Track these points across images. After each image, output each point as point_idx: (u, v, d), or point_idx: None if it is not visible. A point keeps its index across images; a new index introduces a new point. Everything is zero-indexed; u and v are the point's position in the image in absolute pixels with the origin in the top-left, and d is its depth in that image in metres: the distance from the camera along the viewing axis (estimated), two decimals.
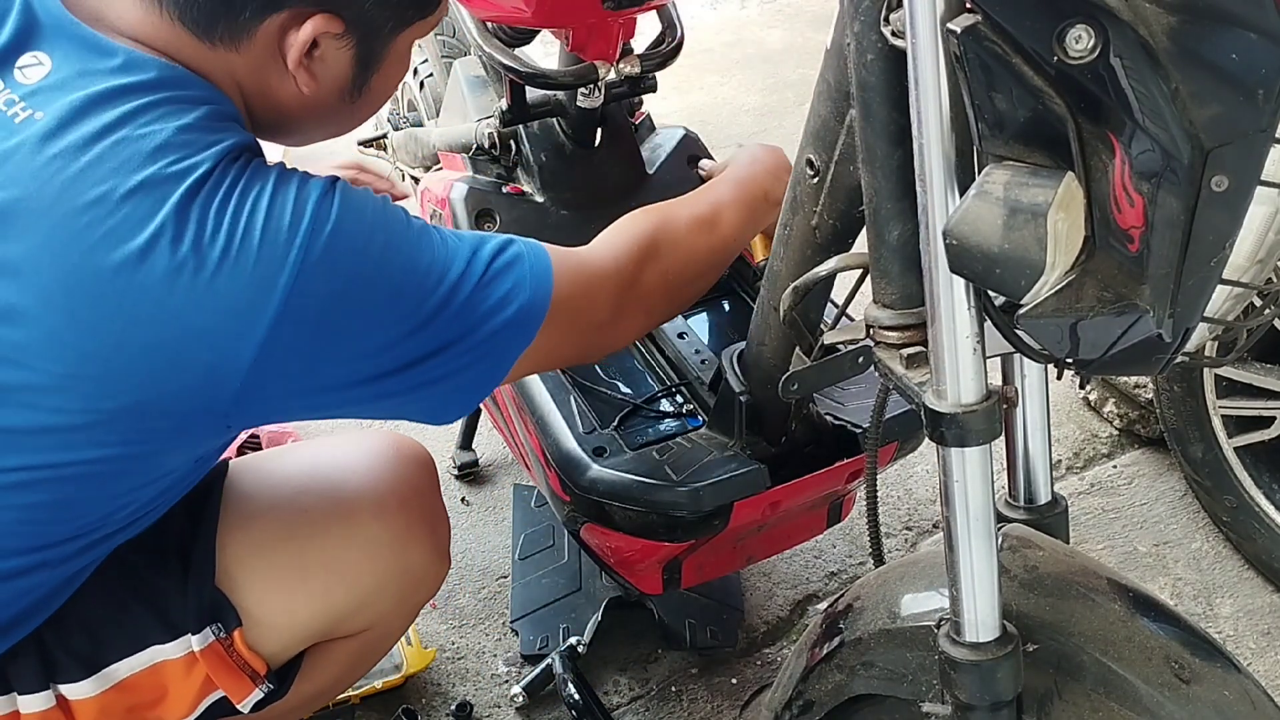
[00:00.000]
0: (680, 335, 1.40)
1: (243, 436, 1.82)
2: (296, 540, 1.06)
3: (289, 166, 0.87)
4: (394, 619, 1.17)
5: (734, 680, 1.52)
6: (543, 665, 1.48)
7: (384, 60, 0.96)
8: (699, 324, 1.45)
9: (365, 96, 0.97)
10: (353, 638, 1.14)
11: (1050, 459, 0.93)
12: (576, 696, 1.43)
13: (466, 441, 1.88)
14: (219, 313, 0.80)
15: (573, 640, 1.50)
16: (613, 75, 1.37)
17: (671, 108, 2.97)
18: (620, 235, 1.09)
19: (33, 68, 0.84)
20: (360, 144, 1.91)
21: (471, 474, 1.85)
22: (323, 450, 1.18)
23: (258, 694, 1.03)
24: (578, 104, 1.42)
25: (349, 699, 1.45)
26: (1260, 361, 1.51)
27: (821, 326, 1.04)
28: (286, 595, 1.05)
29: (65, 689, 0.95)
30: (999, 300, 0.70)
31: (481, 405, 1.60)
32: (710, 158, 1.59)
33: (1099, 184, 0.60)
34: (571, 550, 1.66)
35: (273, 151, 0.92)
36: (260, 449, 1.82)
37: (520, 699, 1.46)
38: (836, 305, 1.02)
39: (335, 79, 0.93)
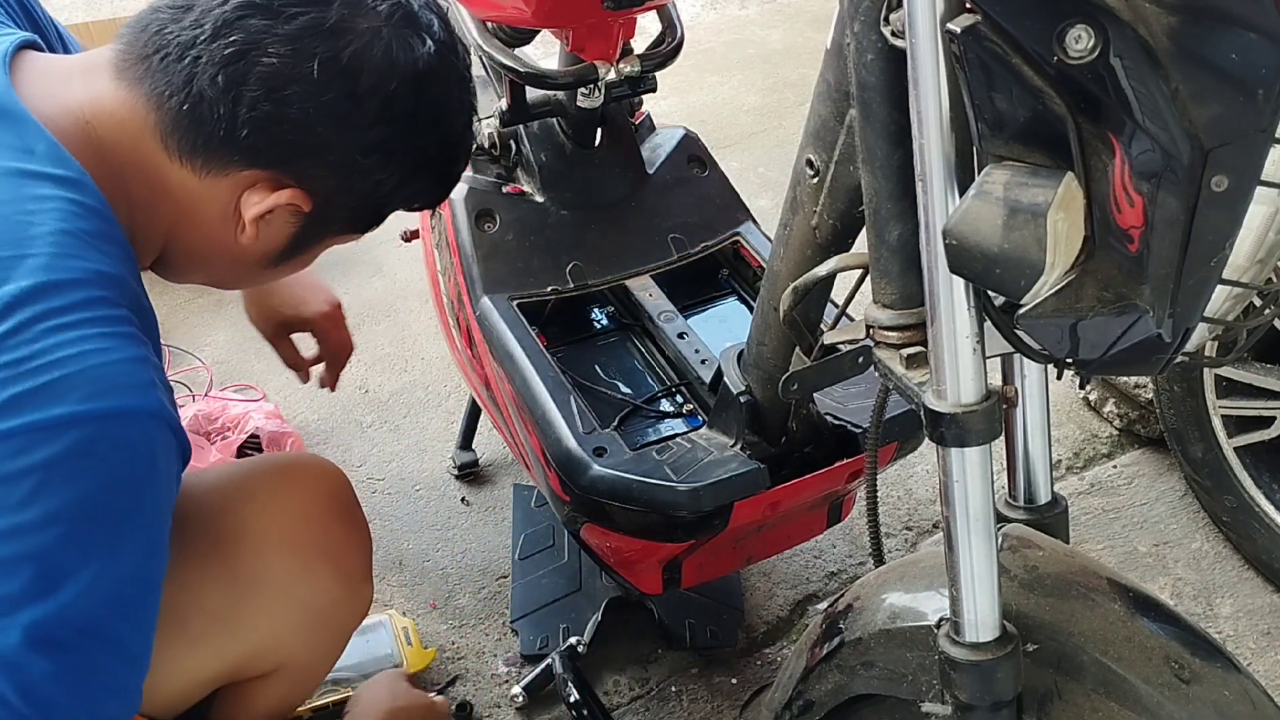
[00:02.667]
0: (680, 335, 1.40)
1: (242, 437, 1.82)
2: (170, 588, 0.91)
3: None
4: (309, 653, 1.12)
5: (734, 680, 1.51)
6: (543, 665, 1.48)
7: (310, 250, 0.99)
8: (699, 324, 1.45)
9: (276, 270, 0.99)
10: (268, 677, 1.09)
11: (1050, 459, 0.93)
12: (576, 696, 1.43)
13: (466, 441, 1.88)
14: None
15: (573, 640, 1.50)
16: (613, 75, 1.37)
17: (671, 108, 2.97)
18: None
19: None
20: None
21: (471, 474, 1.85)
22: (209, 482, 1.09)
23: None
24: (578, 104, 1.42)
25: (349, 699, 1.45)
26: (1260, 361, 1.51)
27: (821, 326, 1.04)
28: (165, 645, 0.92)
29: None
30: (999, 300, 0.70)
31: (481, 405, 1.60)
32: (710, 158, 1.59)
33: (1099, 184, 0.60)
34: (571, 550, 1.67)
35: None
36: (261, 450, 1.82)
37: (520, 699, 1.46)
38: (836, 305, 1.02)
39: (270, 245, 0.94)
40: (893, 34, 0.72)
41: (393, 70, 0.88)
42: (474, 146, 1.03)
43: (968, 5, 0.61)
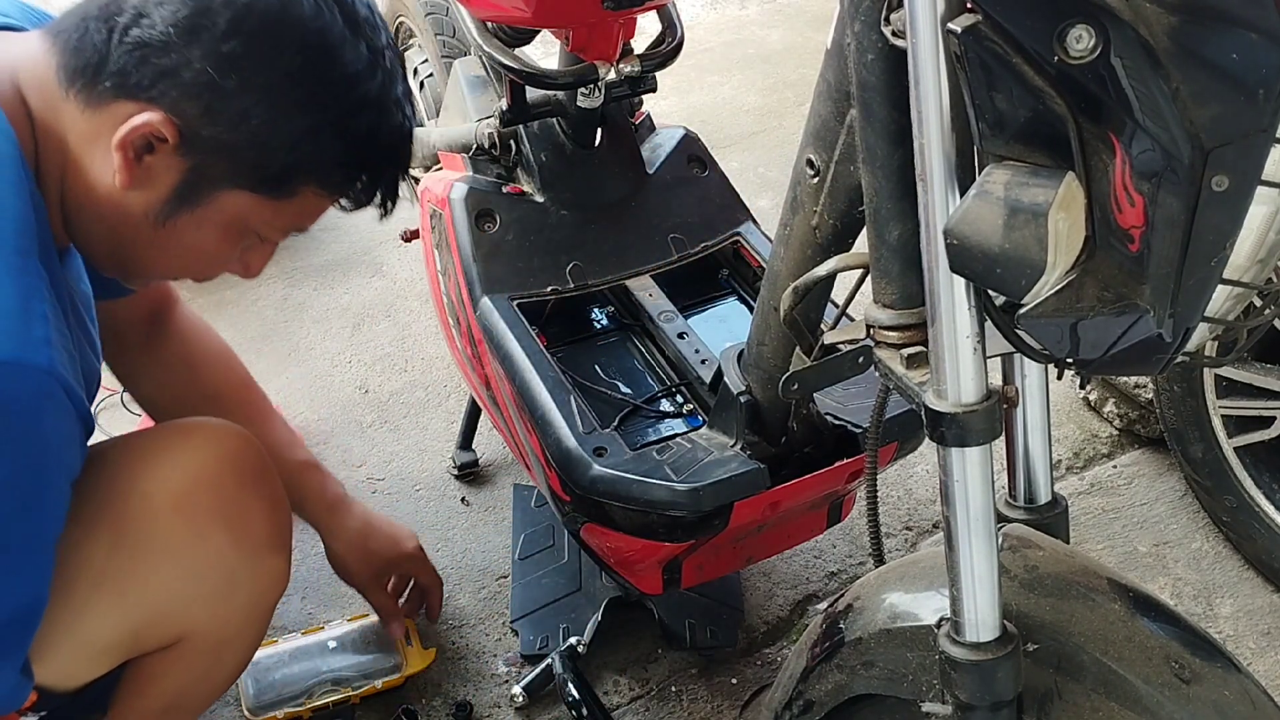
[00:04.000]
0: (680, 335, 1.40)
1: None
2: (60, 549, 0.93)
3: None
4: (213, 624, 1.09)
5: (734, 680, 1.51)
6: (543, 665, 1.48)
7: (202, 205, 0.94)
8: (699, 324, 1.45)
9: (169, 231, 0.94)
10: (174, 651, 1.08)
11: (1050, 459, 0.93)
12: (576, 696, 1.43)
13: (466, 441, 1.88)
14: None
15: (572, 640, 1.50)
16: (613, 75, 1.37)
17: (671, 108, 2.96)
18: None
19: None
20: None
21: (471, 474, 1.85)
22: (111, 445, 1.09)
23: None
24: (578, 104, 1.42)
25: (349, 698, 1.45)
26: (1260, 361, 1.51)
27: (822, 326, 1.04)
28: (53, 606, 0.94)
29: None
30: (999, 300, 0.70)
31: (481, 405, 1.60)
32: (710, 158, 1.59)
33: (1099, 184, 0.60)
34: (571, 550, 1.67)
35: None
36: None
37: (520, 699, 1.46)
38: (836, 305, 1.02)
39: (150, 191, 0.92)
40: (893, 34, 0.72)
41: None
42: (394, 124, 0.97)
43: (968, 5, 0.61)
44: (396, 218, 1.03)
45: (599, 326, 1.52)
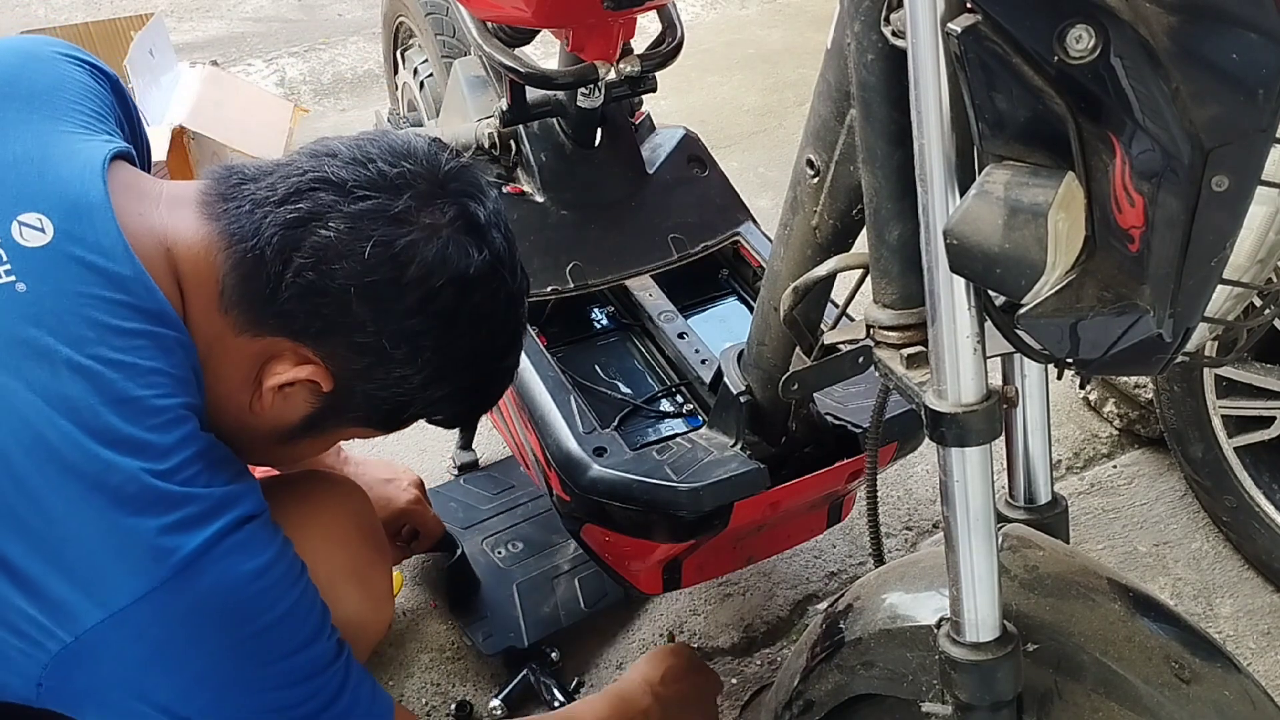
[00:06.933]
0: (680, 335, 1.40)
1: None
2: None
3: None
4: None
5: (734, 680, 1.51)
6: (520, 677, 1.47)
7: (326, 433, 0.98)
8: (699, 324, 1.45)
9: (290, 449, 0.99)
10: None
11: (1050, 459, 0.93)
12: (562, 700, 1.43)
13: (466, 441, 1.88)
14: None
15: (548, 651, 1.50)
16: (613, 75, 1.38)
17: (671, 108, 2.96)
18: None
19: (33, 230, 0.82)
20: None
21: (471, 474, 1.85)
22: None
23: None
24: (578, 104, 1.42)
25: None
26: (1260, 361, 1.51)
27: (821, 326, 1.04)
28: None
29: None
30: (999, 300, 0.70)
31: None
32: (710, 158, 1.59)
33: (1099, 184, 0.60)
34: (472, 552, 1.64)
35: None
36: None
37: (499, 710, 1.45)
38: (836, 305, 1.02)
39: (283, 419, 0.94)
40: (893, 34, 0.72)
41: (443, 268, 0.89)
42: (513, 369, 1.04)
43: (968, 5, 0.61)
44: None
45: (599, 326, 1.52)
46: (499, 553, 1.63)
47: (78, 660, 0.79)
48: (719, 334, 1.41)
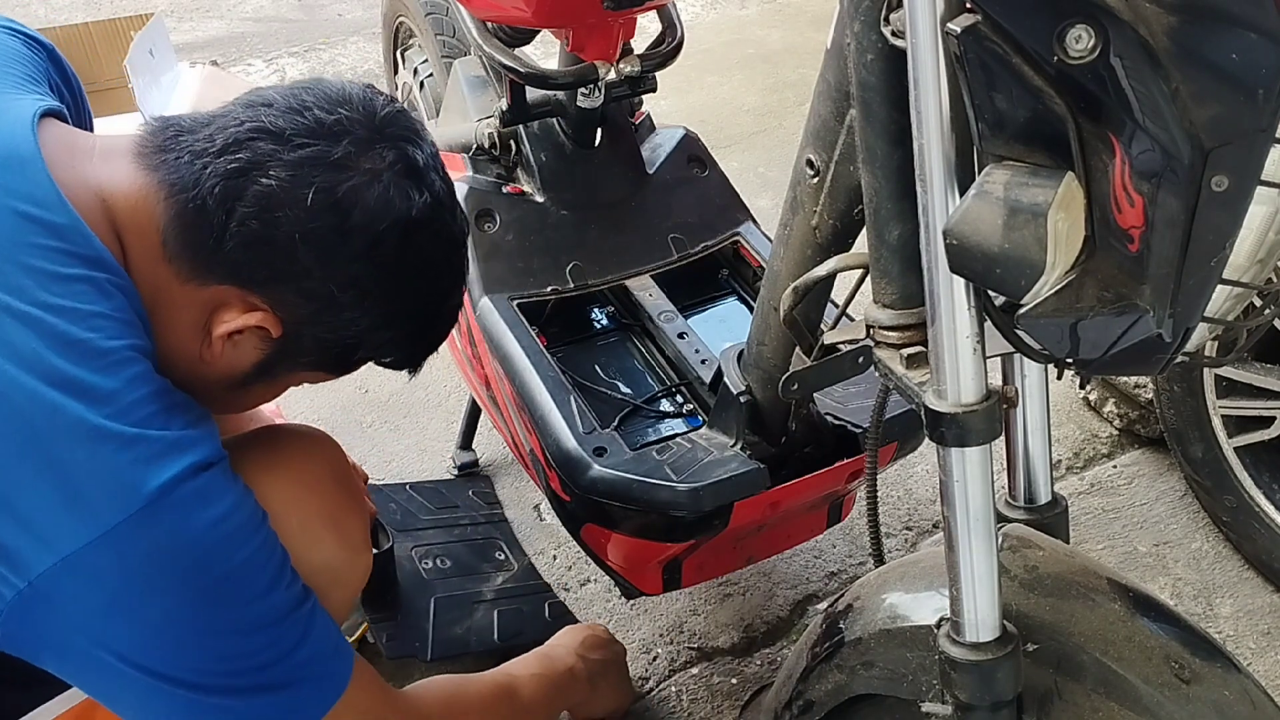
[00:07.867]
0: (680, 335, 1.40)
1: None
2: None
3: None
4: None
5: (734, 680, 1.51)
6: None
7: (277, 380, 0.99)
8: (699, 324, 1.45)
9: (244, 395, 0.99)
10: None
11: (1050, 459, 0.93)
12: None
13: (466, 441, 1.88)
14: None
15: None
16: (613, 75, 1.38)
17: (671, 108, 2.96)
18: (424, 691, 1.13)
19: None
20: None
21: (471, 474, 1.85)
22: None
23: None
24: (578, 104, 1.42)
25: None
26: (1260, 361, 1.51)
27: (821, 326, 1.04)
28: None
29: None
30: (999, 300, 0.70)
31: (481, 405, 1.60)
32: (710, 158, 1.59)
33: (1099, 184, 0.60)
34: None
35: None
36: None
37: None
38: (836, 305, 1.02)
39: (234, 366, 0.94)
40: (893, 34, 0.72)
41: (385, 212, 0.90)
42: (457, 309, 1.05)
43: (968, 5, 0.61)
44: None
45: (599, 326, 1.52)
46: (426, 564, 1.60)
47: (33, 606, 0.79)
48: (719, 334, 1.41)
